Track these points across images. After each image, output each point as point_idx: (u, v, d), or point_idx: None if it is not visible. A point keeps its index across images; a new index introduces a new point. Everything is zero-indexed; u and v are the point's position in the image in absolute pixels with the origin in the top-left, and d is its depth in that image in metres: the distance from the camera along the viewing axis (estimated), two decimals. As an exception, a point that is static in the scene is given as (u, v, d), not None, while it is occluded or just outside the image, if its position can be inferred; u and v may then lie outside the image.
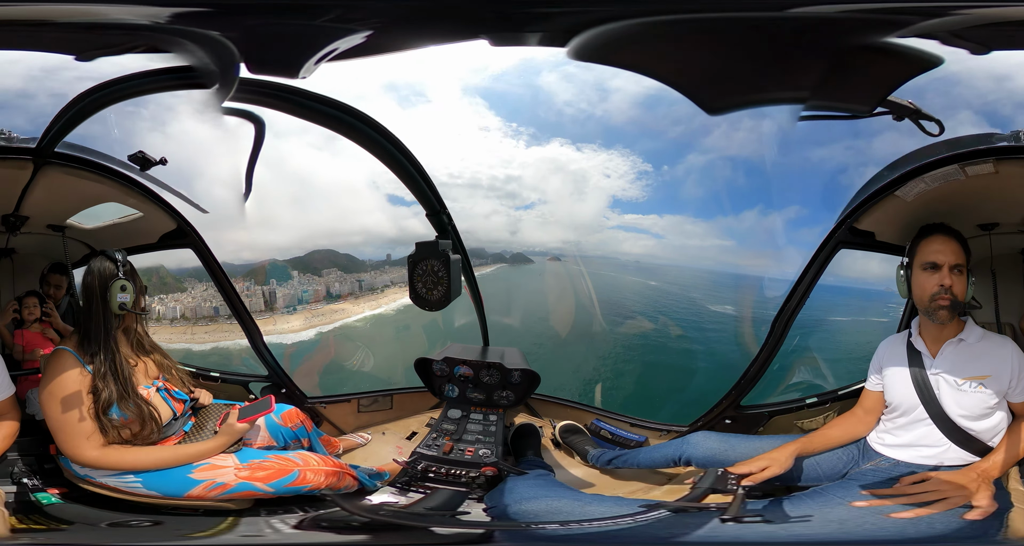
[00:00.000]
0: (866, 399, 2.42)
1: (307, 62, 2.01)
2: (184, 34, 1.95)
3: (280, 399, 2.90)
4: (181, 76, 2.03)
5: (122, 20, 1.87)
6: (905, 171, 2.27)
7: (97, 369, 2.16)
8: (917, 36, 1.78)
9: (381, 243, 3.60)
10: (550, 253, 3.60)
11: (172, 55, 2.04)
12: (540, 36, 2.11)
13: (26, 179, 2.33)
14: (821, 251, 2.61)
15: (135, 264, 2.31)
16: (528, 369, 3.00)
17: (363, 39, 2.04)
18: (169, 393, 2.36)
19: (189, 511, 2.22)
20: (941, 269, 2.18)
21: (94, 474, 2.18)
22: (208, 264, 2.80)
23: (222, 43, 1.96)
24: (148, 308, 2.44)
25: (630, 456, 2.76)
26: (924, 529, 1.91)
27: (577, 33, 2.00)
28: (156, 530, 2.12)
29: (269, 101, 2.11)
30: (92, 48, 1.96)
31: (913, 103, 2.12)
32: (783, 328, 2.77)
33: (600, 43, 2.02)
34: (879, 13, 1.76)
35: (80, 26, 1.93)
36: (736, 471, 2.23)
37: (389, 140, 2.28)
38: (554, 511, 1.99)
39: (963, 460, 2.15)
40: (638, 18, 1.99)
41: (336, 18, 2.02)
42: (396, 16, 2.03)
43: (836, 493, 2.10)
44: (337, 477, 2.39)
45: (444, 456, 2.62)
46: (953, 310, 2.17)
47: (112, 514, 2.15)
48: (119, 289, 2.22)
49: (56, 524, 2.09)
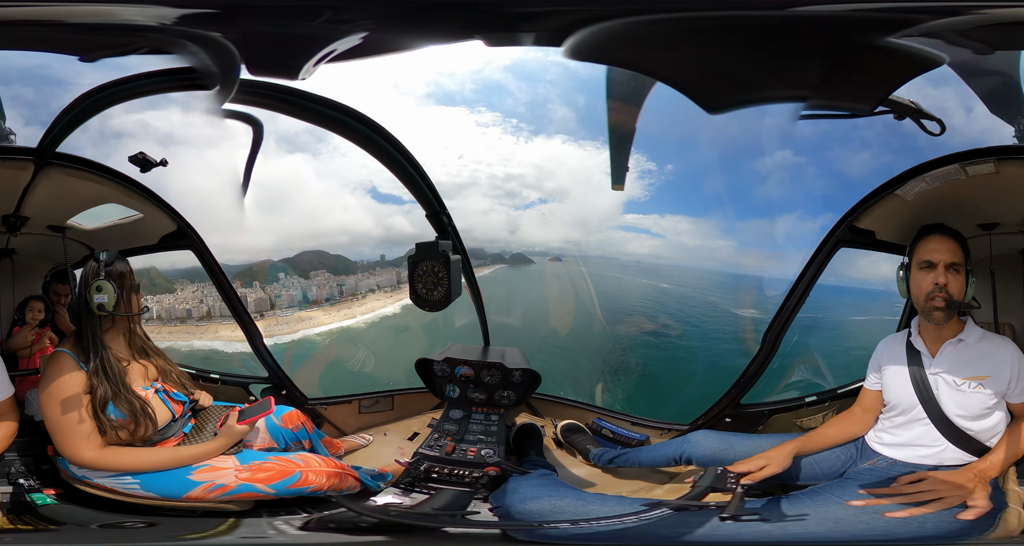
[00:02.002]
0: (864, 398, 2.42)
1: (306, 64, 2.01)
2: (186, 35, 1.94)
3: (280, 401, 2.89)
4: (182, 77, 2.03)
5: (125, 21, 1.85)
6: (905, 170, 2.29)
7: (91, 368, 2.17)
8: (923, 35, 1.79)
9: (375, 243, 3.51)
10: (550, 253, 3.57)
11: (173, 56, 2.03)
12: (535, 36, 2.10)
13: (27, 179, 2.33)
14: (820, 250, 2.62)
15: (134, 265, 2.31)
16: (529, 369, 3.00)
17: (359, 40, 2.03)
18: (168, 394, 2.35)
19: (187, 512, 2.21)
20: (936, 267, 2.19)
21: (91, 475, 2.18)
22: (208, 265, 2.79)
23: (223, 44, 1.95)
24: (144, 308, 2.42)
25: (631, 455, 2.76)
26: (915, 529, 1.93)
27: (572, 32, 2.00)
28: (149, 531, 2.12)
29: (269, 103, 2.12)
30: (95, 49, 1.95)
31: (914, 102, 2.12)
32: (781, 327, 2.78)
33: (595, 42, 2.02)
34: (883, 12, 1.77)
35: (83, 27, 1.92)
36: (735, 470, 2.23)
37: (389, 141, 2.29)
38: (558, 510, 1.99)
39: (961, 460, 2.16)
40: (633, 16, 1.99)
41: (331, 19, 2.01)
42: (392, 17, 2.02)
43: (833, 492, 2.11)
44: (339, 478, 2.38)
45: (447, 456, 2.62)
46: (948, 310, 2.17)
47: (107, 515, 2.15)
48: (96, 290, 2.21)
49: (45, 525, 2.10)
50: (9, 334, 2.73)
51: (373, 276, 3.60)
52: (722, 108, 2.26)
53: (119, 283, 2.24)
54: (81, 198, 2.54)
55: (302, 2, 1.98)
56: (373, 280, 3.64)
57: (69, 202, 2.55)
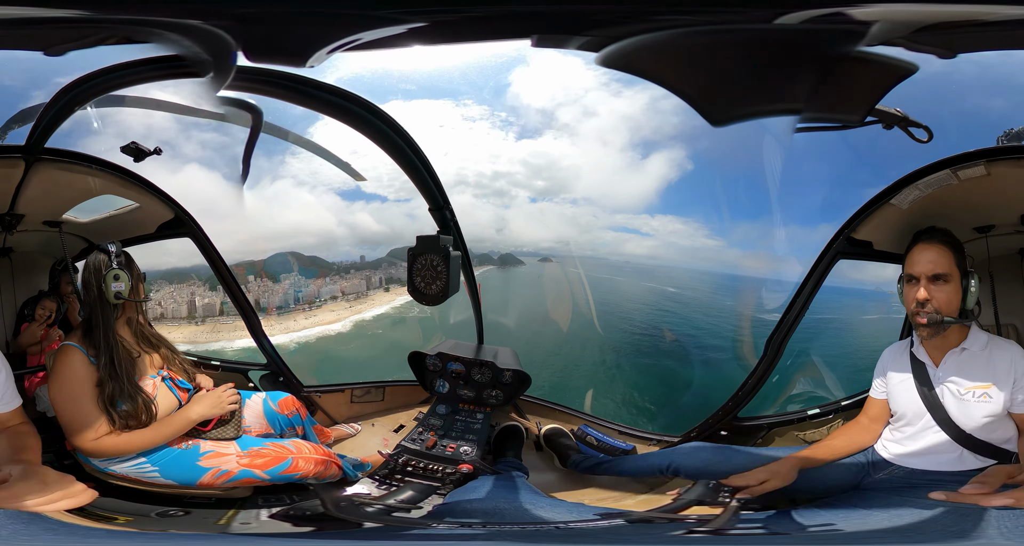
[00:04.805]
0: (871, 407, 2.35)
1: (319, 51, 1.98)
2: (177, 25, 1.93)
3: (277, 387, 3.01)
4: (168, 66, 1.98)
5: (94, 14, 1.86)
6: (898, 179, 2.20)
7: (100, 361, 2.23)
8: (882, 44, 1.70)
9: (356, 243, 3.44)
10: (544, 254, 3.50)
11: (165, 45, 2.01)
12: (583, 40, 2.06)
13: (18, 177, 2.37)
14: (819, 262, 2.55)
15: (133, 255, 2.36)
16: (519, 370, 2.99)
17: (402, 30, 1.92)
18: (174, 382, 2.44)
19: (204, 501, 2.31)
20: (918, 281, 2.11)
21: (112, 466, 2.25)
22: (207, 253, 2.84)
23: (209, 31, 1.92)
24: (148, 296, 2.52)
25: (613, 464, 2.71)
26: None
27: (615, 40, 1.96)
28: (187, 519, 2.16)
29: (273, 90, 2.11)
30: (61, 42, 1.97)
31: (900, 111, 2.06)
32: (782, 340, 2.70)
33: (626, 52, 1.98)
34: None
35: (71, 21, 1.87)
36: (732, 484, 2.18)
37: (398, 133, 2.31)
38: (500, 511, 1.98)
39: (982, 462, 2.08)
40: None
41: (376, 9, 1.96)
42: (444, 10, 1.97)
43: (856, 503, 2.08)
44: (324, 466, 2.46)
45: (426, 451, 2.65)
46: (931, 326, 2.09)
47: (147, 506, 2.21)
48: (112, 279, 2.27)
49: (99, 520, 2.00)
50: (17, 331, 2.75)
51: (347, 279, 3.45)
52: (725, 121, 2.20)
53: (131, 270, 2.33)
54: (74, 192, 2.59)
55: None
56: (338, 285, 3.47)
57: (63, 197, 2.60)
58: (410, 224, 2.66)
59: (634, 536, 1.88)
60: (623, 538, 1.82)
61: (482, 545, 1.65)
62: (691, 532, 1.98)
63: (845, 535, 1.87)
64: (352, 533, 2.04)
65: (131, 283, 2.31)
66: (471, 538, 1.72)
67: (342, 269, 3.60)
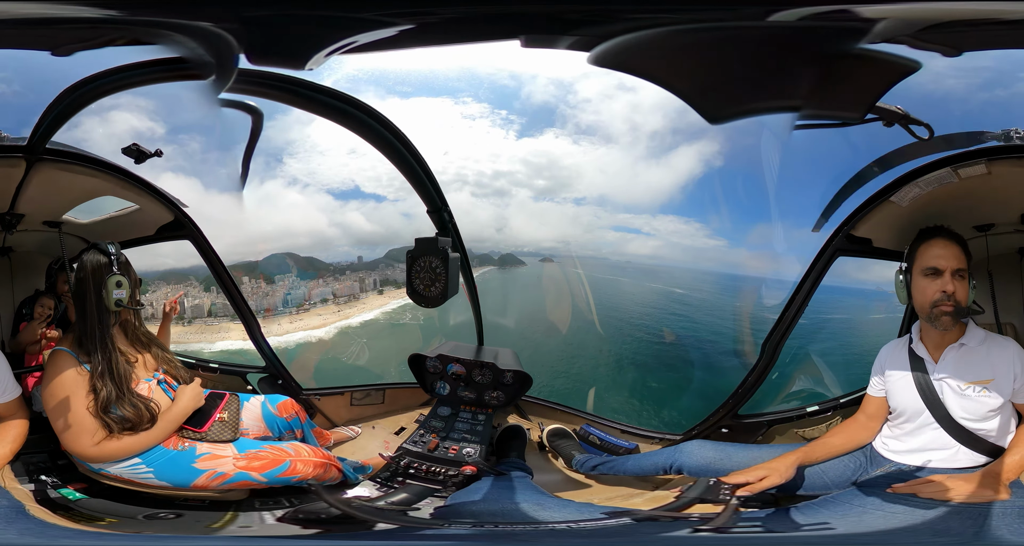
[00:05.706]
0: (869, 404, 2.37)
1: (317, 53, 1.97)
2: (183, 26, 1.91)
3: (276, 390, 2.99)
4: (170, 68, 1.98)
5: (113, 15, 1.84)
6: (899, 176, 2.23)
7: (95, 368, 2.16)
8: (884, 42, 1.72)
9: (353, 243, 3.38)
10: (544, 254, 3.49)
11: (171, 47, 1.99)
12: (572, 40, 2.06)
13: (19, 177, 2.34)
14: (819, 259, 2.56)
15: (130, 257, 2.31)
16: (520, 371, 2.99)
17: (393, 33, 1.95)
18: (169, 385, 2.41)
19: (198, 503, 2.27)
20: (943, 275, 2.13)
21: (106, 466, 2.20)
22: (206, 255, 2.82)
23: (217, 34, 1.90)
24: (142, 303, 2.44)
25: (617, 463, 2.71)
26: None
27: (605, 39, 1.96)
28: (181, 522, 2.14)
29: (272, 93, 2.09)
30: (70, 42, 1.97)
31: (901, 108, 2.08)
32: (779, 338, 2.71)
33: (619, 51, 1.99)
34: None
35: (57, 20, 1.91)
36: (731, 481, 2.19)
37: (395, 135, 2.30)
38: (507, 512, 1.97)
39: (974, 461, 2.11)
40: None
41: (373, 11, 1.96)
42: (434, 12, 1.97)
43: (852, 500, 2.07)
44: (324, 468, 2.43)
45: (428, 453, 2.64)
46: (956, 316, 2.12)
47: (134, 508, 2.18)
48: (115, 285, 2.20)
49: (85, 520, 2.06)
50: (16, 330, 2.72)
51: (341, 280, 3.35)
52: (723, 119, 2.21)
53: (128, 275, 2.26)
54: (75, 192, 2.57)
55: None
56: (330, 288, 3.37)
57: (63, 197, 2.57)
58: (408, 224, 2.62)
59: (642, 535, 1.89)
60: (633, 537, 1.83)
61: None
62: (696, 531, 1.99)
63: (844, 535, 1.90)
64: (356, 535, 2.03)
65: (131, 289, 2.26)
66: (478, 538, 1.72)
67: (338, 270, 3.54)
